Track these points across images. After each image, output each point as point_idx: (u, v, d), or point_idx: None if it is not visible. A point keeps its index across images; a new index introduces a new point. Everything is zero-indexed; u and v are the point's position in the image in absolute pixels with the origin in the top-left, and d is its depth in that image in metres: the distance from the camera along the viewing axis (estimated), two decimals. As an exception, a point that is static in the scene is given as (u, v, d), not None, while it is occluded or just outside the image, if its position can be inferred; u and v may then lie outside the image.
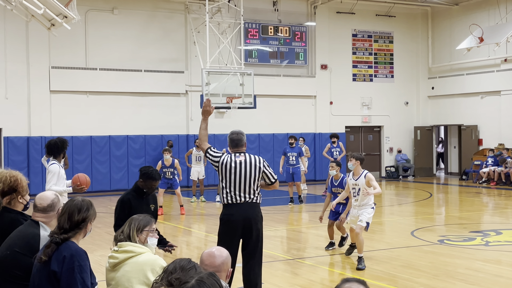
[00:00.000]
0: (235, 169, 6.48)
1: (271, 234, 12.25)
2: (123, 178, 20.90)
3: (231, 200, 6.49)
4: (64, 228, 4.08)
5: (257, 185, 6.55)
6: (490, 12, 23.16)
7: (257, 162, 6.57)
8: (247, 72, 19.82)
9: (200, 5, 21.50)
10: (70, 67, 20.25)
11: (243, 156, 6.57)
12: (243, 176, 6.48)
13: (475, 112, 24.23)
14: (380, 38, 25.67)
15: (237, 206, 6.48)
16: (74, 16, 15.05)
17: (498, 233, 11.82)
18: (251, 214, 6.49)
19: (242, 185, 6.48)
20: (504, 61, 23.03)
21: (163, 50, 21.66)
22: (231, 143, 6.70)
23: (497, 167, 21.69)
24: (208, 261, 3.70)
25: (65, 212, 4.14)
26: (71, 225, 4.09)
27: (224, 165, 6.52)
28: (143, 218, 4.71)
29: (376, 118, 25.56)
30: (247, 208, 6.48)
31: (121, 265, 4.46)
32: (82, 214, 4.14)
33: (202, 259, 3.72)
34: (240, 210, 6.46)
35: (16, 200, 4.91)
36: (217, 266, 3.67)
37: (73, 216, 4.11)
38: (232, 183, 6.48)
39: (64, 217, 4.12)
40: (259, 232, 6.55)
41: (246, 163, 6.52)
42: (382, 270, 8.78)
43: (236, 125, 22.48)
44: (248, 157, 6.57)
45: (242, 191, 6.48)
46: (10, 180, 4.88)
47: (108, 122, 20.80)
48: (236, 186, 6.48)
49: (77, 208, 4.14)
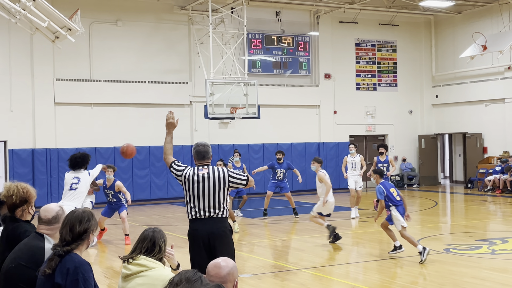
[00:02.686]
0: (198, 182, 6.28)
1: (277, 244, 12.22)
2: (128, 189, 20.74)
3: (195, 215, 6.29)
4: (67, 240, 4.08)
5: (223, 199, 6.31)
6: (493, 20, 23.17)
7: (221, 174, 6.32)
8: (251, 82, 19.85)
9: (203, 16, 21.58)
10: (74, 79, 20.33)
11: (207, 169, 6.35)
12: (206, 190, 6.26)
13: (480, 120, 24.19)
14: (383, 47, 25.70)
15: (202, 221, 6.27)
16: (78, 28, 15.13)
17: (504, 241, 11.77)
18: (215, 230, 6.25)
19: (206, 200, 6.25)
20: (508, 69, 23.01)
21: (167, 61, 21.73)
22: (197, 155, 6.49)
23: (503, 175, 21.62)
24: (214, 272, 3.66)
25: (66, 224, 4.13)
26: (73, 237, 4.09)
27: (187, 179, 6.33)
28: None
29: (380, 127, 25.55)
30: (212, 223, 6.25)
31: (133, 277, 4.48)
32: (83, 225, 4.12)
33: (208, 270, 3.70)
34: (204, 226, 6.25)
35: (26, 212, 4.93)
36: (223, 277, 3.63)
37: (74, 227, 4.10)
38: (196, 198, 6.28)
39: (66, 229, 4.11)
40: (227, 246, 6.28)
41: (210, 176, 6.30)
42: (388, 280, 8.74)
43: (241, 135, 22.55)
44: (212, 170, 6.34)
45: (206, 205, 6.25)
46: (23, 192, 4.90)
47: (113, 133, 20.84)
48: (200, 200, 6.26)
49: (78, 219, 4.13)
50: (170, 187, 21.56)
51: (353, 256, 11.10)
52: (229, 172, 6.40)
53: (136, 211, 18.90)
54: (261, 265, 10.36)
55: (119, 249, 11.82)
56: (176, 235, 13.40)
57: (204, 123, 21.45)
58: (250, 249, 11.93)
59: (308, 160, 23.53)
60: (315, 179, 12.66)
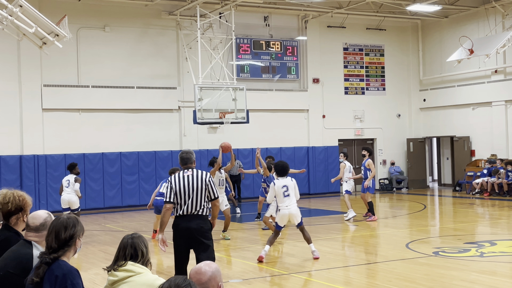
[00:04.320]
0: (184, 181, 7.26)
1: (262, 248, 12.21)
2: (117, 195, 20.84)
3: (179, 212, 7.26)
4: (53, 248, 4.05)
5: (203, 198, 7.24)
6: (479, 24, 23.35)
7: (203, 177, 7.30)
8: (240, 87, 19.86)
9: (191, 21, 21.59)
10: (62, 85, 20.24)
11: (191, 171, 7.33)
12: (188, 189, 7.21)
13: (467, 123, 24.34)
14: (371, 51, 25.81)
15: (183, 217, 7.22)
16: (66, 34, 15.05)
17: (493, 244, 11.83)
18: (194, 225, 7.17)
19: (188, 198, 7.20)
20: (495, 72, 23.19)
21: (155, 67, 21.70)
22: (181, 161, 7.47)
23: (490, 178, 21.75)
24: (195, 278, 3.53)
25: (52, 232, 4.10)
26: (60, 244, 4.06)
27: (175, 182, 7.29)
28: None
29: (369, 131, 25.63)
30: (191, 219, 7.18)
31: (120, 283, 4.44)
32: (69, 231, 4.09)
33: (190, 277, 3.61)
34: (185, 221, 7.19)
35: (21, 220, 4.89)
36: (204, 283, 3.52)
37: (60, 234, 4.07)
38: (180, 196, 7.22)
39: (51, 237, 4.08)
40: (206, 241, 7.20)
41: (193, 177, 7.27)
42: (378, 283, 8.76)
43: (229, 140, 22.40)
44: (195, 172, 7.32)
45: (189, 204, 7.19)
46: (19, 200, 4.85)
47: (101, 139, 20.76)
48: (183, 198, 7.20)
49: (63, 225, 4.10)
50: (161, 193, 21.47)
51: (343, 260, 11.12)
52: (211, 179, 7.36)
53: (125, 217, 18.82)
54: (250, 270, 10.35)
55: (109, 255, 11.76)
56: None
57: (193, 128, 21.43)
58: (239, 253, 11.92)
59: (297, 165, 23.58)
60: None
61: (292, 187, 10.48)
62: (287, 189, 10.41)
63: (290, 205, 10.48)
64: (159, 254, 11.63)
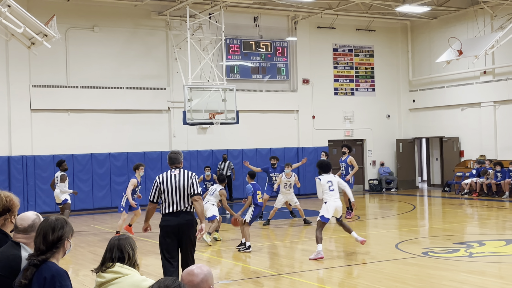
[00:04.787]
0: (171, 180, 7.70)
1: (255, 249, 12.20)
2: (106, 196, 20.75)
3: (167, 210, 7.68)
4: (41, 249, 4.02)
5: (189, 195, 7.66)
6: (468, 25, 23.46)
7: (188, 175, 7.75)
8: (229, 88, 19.85)
9: (181, 22, 21.54)
10: (51, 86, 20.13)
11: (177, 171, 7.78)
12: (175, 187, 7.65)
13: (456, 124, 24.45)
14: (360, 52, 25.88)
15: (172, 214, 7.66)
16: (54, 34, 14.99)
17: (482, 244, 11.88)
18: (183, 221, 7.64)
19: (176, 196, 7.64)
20: (483, 73, 23.31)
21: (145, 67, 21.63)
22: (169, 161, 7.93)
23: (479, 179, 21.85)
24: (187, 279, 3.55)
25: (39, 233, 4.07)
26: (48, 246, 4.03)
27: (162, 180, 7.74)
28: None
29: (359, 131, 25.69)
30: (181, 216, 7.64)
31: (107, 285, 4.42)
32: (56, 233, 4.06)
33: (182, 279, 3.62)
34: (174, 218, 7.63)
35: (9, 221, 4.84)
36: (196, 284, 3.54)
37: (47, 236, 4.04)
38: (167, 194, 7.65)
39: (39, 238, 4.05)
40: (193, 235, 7.70)
41: (180, 176, 7.72)
42: (367, 284, 8.77)
43: (219, 140, 22.52)
44: (181, 172, 7.78)
45: (176, 201, 7.64)
46: (6, 201, 4.81)
47: (90, 140, 20.67)
48: (170, 196, 7.65)
49: (51, 227, 4.06)
50: (149, 194, 21.41)
51: (333, 261, 11.12)
52: (195, 177, 7.80)
53: (114, 218, 18.74)
54: (240, 271, 10.34)
55: (98, 257, 11.71)
56: (155, 242, 13.30)
57: (183, 128, 21.38)
58: (229, 254, 11.90)
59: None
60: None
61: (335, 182, 11.27)
62: (332, 183, 11.18)
63: (337, 198, 11.20)
64: (149, 256, 11.59)
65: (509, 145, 22.56)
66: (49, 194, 19.47)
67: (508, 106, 22.60)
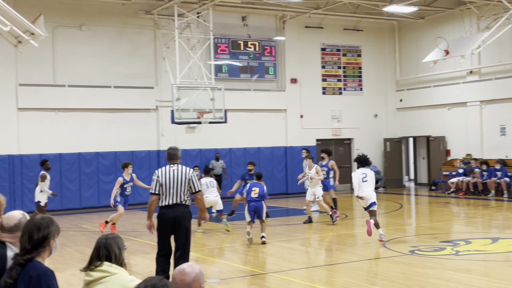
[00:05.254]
0: (169, 174, 8.12)
1: (243, 248, 12.22)
2: (93, 196, 20.68)
3: (164, 203, 8.12)
4: (26, 249, 4.00)
5: (186, 190, 8.13)
6: (455, 25, 23.61)
7: (186, 172, 8.19)
8: (218, 87, 19.84)
9: (169, 21, 21.50)
10: (38, 84, 20.02)
11: (176, 166, 8.21)
12: (173, 181, 8.08)
13: (443, 123, 24.60)
14: (348, 52, 25.96)
15: (169, 207, 8.11)
16: (41, 33, 14.89)
17: (468, 242, 11.98)
18: (179, 213, 8.09)
19: (173, 189, 8.08)
20: (470, 73, 23.46)
21: (133, 66, 21.57)
22: (168, 156, 8.35)
23: (465, 177, 22.00)
24: (179, 278, 3.58)
25: (25, 233, 4.06)
26: (33, 245, 4.01)
27: (162, 174, 8.15)
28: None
29: (346, 130, 25.78)
30: (177, 208, 8.09)
31: (95, 283, 4.41)
32: (42, 232, 4.04)
33: (173, 277, 3.64)
34: (170, 210, 8.09)
35: None
36: (188, 283, 3.55)
37: (33, 235, 4.02)
38: (166, 188, 8.08)
39: (25, 238, 4.04)
40: (188, 228, 8.17)
41: (178, 171, 8.14)
42: (355, 282, 8.81)
43: (208, 140, 22.49)
44: (180, 167, 8.21)
45: (173, 194, 8.08)
46: None
47: (78, 139, 20.58)
48: (168, 189, 8.08)
49: (36, 227, 4.05)
50: (137, 193, 21.35)
51: (320, 259, 11.17)
52: (193, 174, 8.22)
53: (102, 217, 18.64)
54: (228, 269, 10.35)
55: (85, 256, 11.68)
56: (143, 241, 13.29)
57: (171, 128, 21.35)
58: (217, 253, 11.90)
59: (275, 164, 23.65)
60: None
61: (370, 176, 12.34)
62: (366, 176, 12.27)
63: (366, 190, 12.25)
64: (136, 255, 11.57)
65: (495, 144, 22.73)
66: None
67: (494, 106, 22.77)
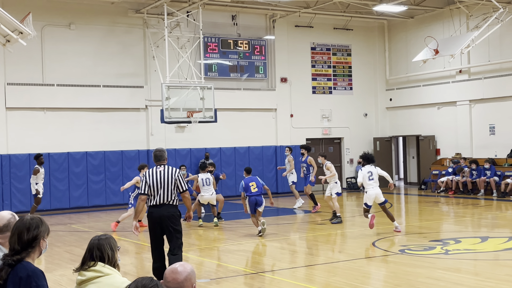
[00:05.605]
0: (156, 175, 8.47)
1: (234, 248, 12.21)
2: (83, 195, 20.58)
3: (151, 203, 8.49)
4: (16, 249, 3.97)
5: (173, 190, 8.46)
6: (444, 25, 23.69)
7: (173, 172, 8.51)
8: (207, 86, 19.80)
9: (158, 20, 21.43)
10: (26, 84, 19.89)
11: (162, 167, 8.54)
12: (159, 182, 8.42)
13: (432, 122, 24.69)
14: (338, 51, 25.99)
15: (156, 206, 8.47)
16: (30, 32, 14.82)
17: (457, 241, 12.02)
18: (166, 213, 8.44)
19: (160, 190, 8.41)
20: (459, 72, 23.56)
21: (122, 65, 21.48)
22: (155, 158, 8.68)
23: (455, 176, 22.09)
24: (171, 277, 3.60)
25: (14, 233, 4.03)
26: (23, 245, 3.99)
27: (149, 176, 8.51)
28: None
29: (336, 130, 25.81)
30: (163, 208, 8.44)
31: (87, 283, 4.40)
32: (32, 233, 4.02)
33: (165, 276, 3.64)
34: (157, 210, 8.46)
35: None
36: (180, 282, 3.56)
37: (22, 235, 4.00)
38: (153, 188, 8.43)
39: (14, 238, 4.01)
40: (175, 226, 8.49)
41: (164, 172, 8.47)
42: (345, 281, 8.82)
43: (197, 139, 22.45)
44: (166, 168, 8.55)
45: (160, 194, 8.42)
46: None
47: (67, 138, 20.48)
48: (155, 190, 8.42)
49: (26, 227, 4.03)
50: (126, 192, 21.26)
51: (310, 259, 11.17)
52: (180, 175, 8.53)
53: (91, 217, 18.61)
54: (218, 269, 10.33)
55: (74, 256, 11.61)
56: (133, 241, 13.25)
57: (161, 127, 21.29)
58: (207, 253, 11.89)
59: (265, 164, 23.64)
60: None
61: (375, 173, 13.06)
62: (371, 174, 12.96)
63: (376, 187, 13.05)
64: (126, 255, 11.52)
65: (484, 144, 22.84)
66: (24, 193, 19.27)
67: (483, 105, 22.88)
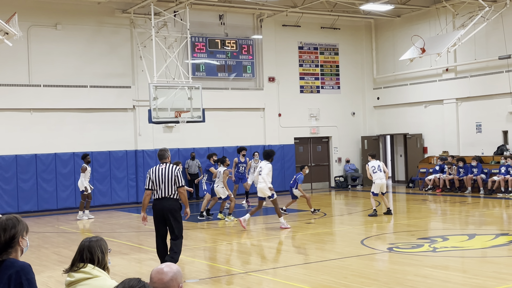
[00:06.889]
0: (159, 172, 9.54)
1: (223, 248, 12.20)
2: (70, 197, 20.48)
3: (155, 196, 9.56)
4: None
5: (173, 185, 9.45)
6: (431, 24, 23.81)
7: (172, 169, 9.53)
8: (195, 86, 19.76)
9: (145, 20, 21.36)
10: (12, 84, 19.76)
11: (164, 165, 9.60)
12: (161, 178, 9.47)
13: (420, 121, 24.80)
14: (325, 50, 26.04)
15: (159, 200, 9.55)
16: (16, 32, 14.73)
17: (445, 239, 12.09)
18: (167, 206, 9.46)
19: (162, 184, 9.46)
20: (446, 71, 23.68)
21: (109, 65, 21.40)
22: (158, 157, 9.78)
23: (442, 174, 22.21)
24: (157, 278, 3.59)
25: None
26: (2, 246, 3.99)
27: (152, 172, 9.57)
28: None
29: (324, 129, 25.87)
30: (165, 201, 9.48)
31: (76, 285, 4.38)
32: (8, 233, 4.02)
33: (151, 277, 3.64)
34: (159, 203, 9.52)
35: None
36: (166, 282, 3.56)
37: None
38: (156, 183, 9.49)
39: None
40: (175, 217, 9.51)
41: (165, 169, 9.53)
42: (334, 280, 8.84)
43: (185, 139, 22.42)
44: (168, 166, 9.58)
45: (162, 189, 9.47)
46: None
47: (54, 139, 20.36)
48: (158, 185, 9.47)
49: (2, 228, 4.02)
50: (114, 193, 21.24)
51: (300, 258, 11.19)
52: (179, 171, 9.56)
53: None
54: (207, 269, 10.32)
55: (62, 258, 11.56)
56: (121, 242, 13.19)
57: (148, 127, 21.23)
58: (195, 253, 11.87)
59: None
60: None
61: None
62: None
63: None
64: (115, 256, 11.48)
65: (471, 141, 22.99)
66: (11, 195, 19.14)
67: (469, 103, 23.02)
